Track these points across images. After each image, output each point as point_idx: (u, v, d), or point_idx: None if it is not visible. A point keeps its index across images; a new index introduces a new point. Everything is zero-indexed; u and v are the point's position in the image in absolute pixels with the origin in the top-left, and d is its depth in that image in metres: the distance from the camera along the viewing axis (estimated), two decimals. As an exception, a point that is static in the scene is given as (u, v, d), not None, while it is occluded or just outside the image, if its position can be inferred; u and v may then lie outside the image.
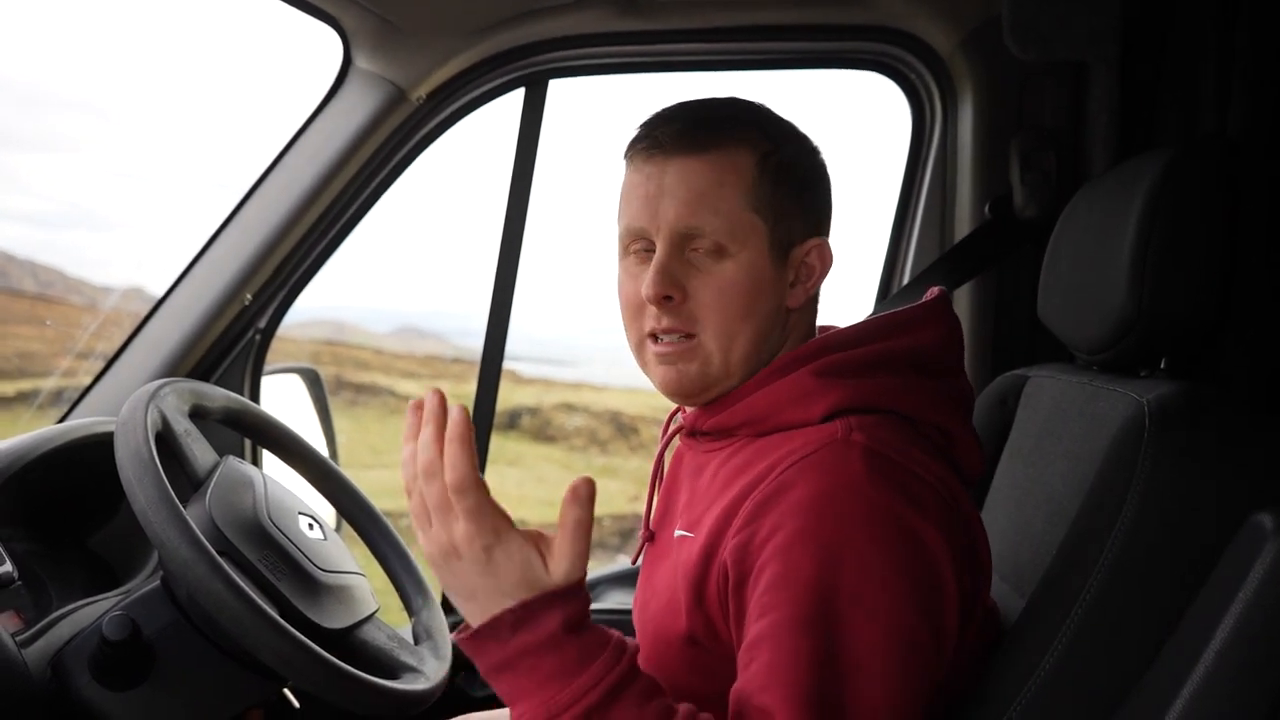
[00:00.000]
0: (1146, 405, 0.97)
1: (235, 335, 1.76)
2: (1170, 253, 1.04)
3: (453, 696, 1.69)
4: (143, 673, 1.14)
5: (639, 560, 1.17)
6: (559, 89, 1.83)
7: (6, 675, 1.11)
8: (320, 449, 1.52)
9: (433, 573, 0.90)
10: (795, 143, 1.04)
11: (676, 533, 1.05)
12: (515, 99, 1.81)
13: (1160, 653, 0.90)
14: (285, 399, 1.86)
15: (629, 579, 2.00)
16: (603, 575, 2.05)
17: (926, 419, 0.99)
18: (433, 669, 1.27)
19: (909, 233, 1.88)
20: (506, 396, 10.41)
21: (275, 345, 1.83)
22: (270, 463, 1.61)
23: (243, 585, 1.07)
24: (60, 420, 1.66)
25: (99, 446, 1.39)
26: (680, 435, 1.12)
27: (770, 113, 1.05)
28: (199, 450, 1.27)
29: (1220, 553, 0.88)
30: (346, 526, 1.50)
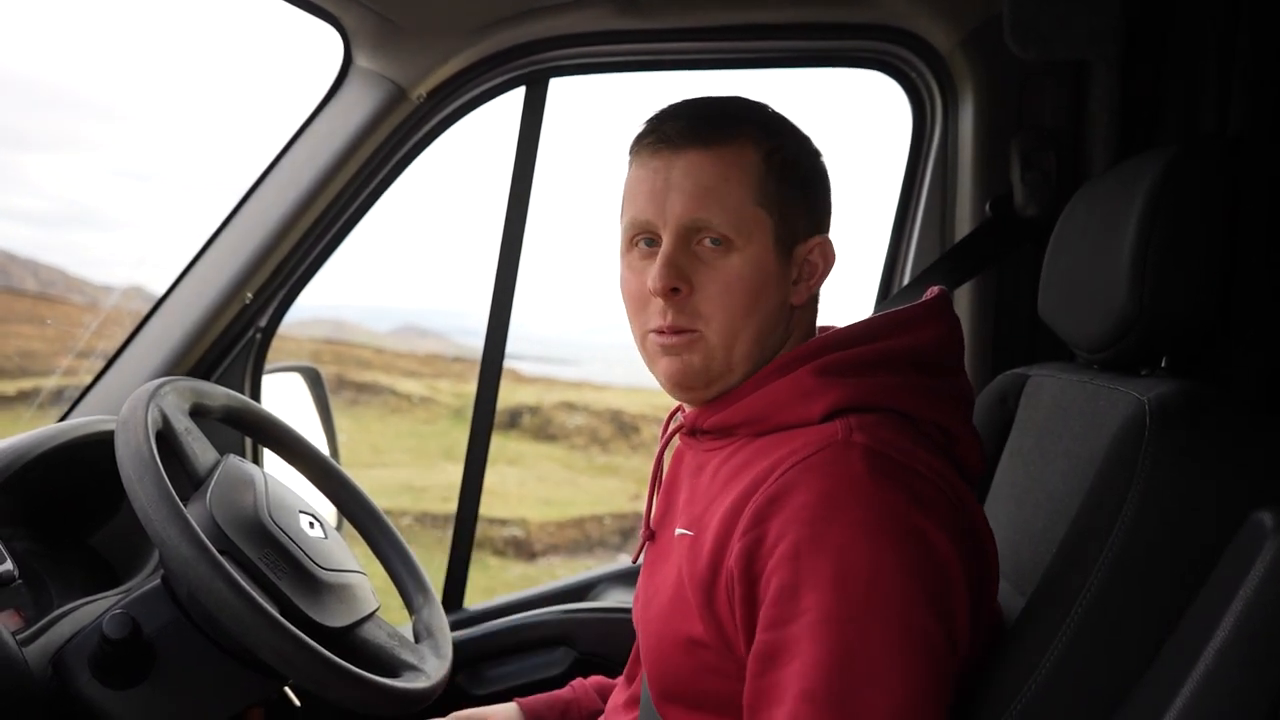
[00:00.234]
0: (1147, 404, 0.97)
1: (236, 334, 1.76)
2: (1171, 252, 1.04)
3: (453, 695, 1.68)
4: (143, 671, 1.14)
5: (639, 559, 1.17)
6: (559, 88, 1.83)
7: (7, 674, 1.11)
8: (321, 448, 1.52)
9: None
10: (798, 141, 1.05)
11: (677, 531, 1.06)
12: (515, 98, 1.81)
13: (1160, 652, 0.90)
14: (286, 398, 1.86)
15: (629, 578, 2.00)
16: (603, 574, 2.05)
17: (927, 418, 0.99)
18: (433, 667, 1.27)
19: (909, 232, 1.88)
20: (507, 395, 10.44)
21: (276, 344, 1.83)
22: (271, 461, 1.61)
23: (243, 584, 1.06)
24: (61, 419, 1.66)
25: (100, 445, 1.39)
26: (680, 434, 1.12)
27: (773, 111, 1.06)
28: (200, 449, 1.27)
29: (1220, 552, 0.88)
30: (347, 525, 1.50)
